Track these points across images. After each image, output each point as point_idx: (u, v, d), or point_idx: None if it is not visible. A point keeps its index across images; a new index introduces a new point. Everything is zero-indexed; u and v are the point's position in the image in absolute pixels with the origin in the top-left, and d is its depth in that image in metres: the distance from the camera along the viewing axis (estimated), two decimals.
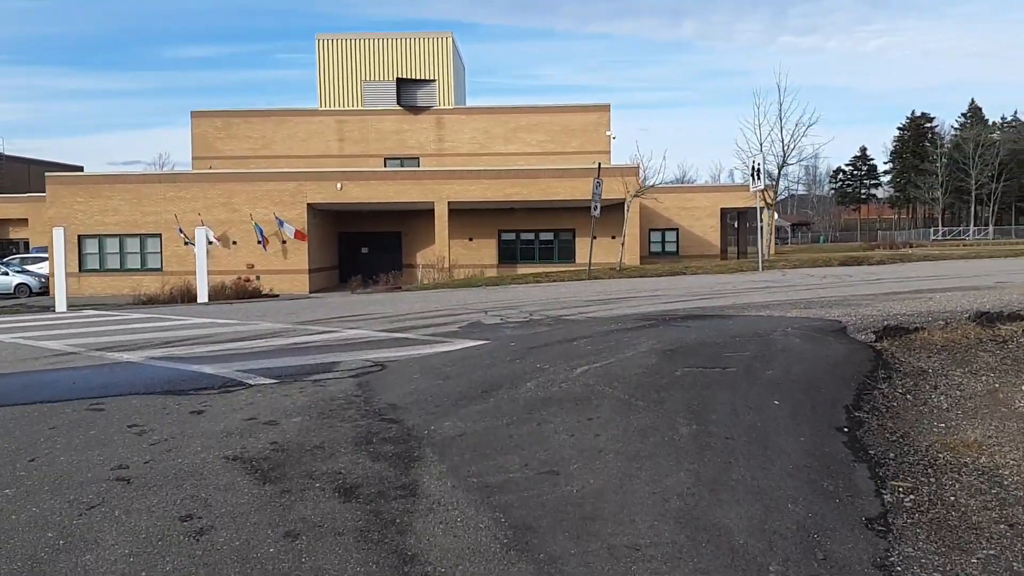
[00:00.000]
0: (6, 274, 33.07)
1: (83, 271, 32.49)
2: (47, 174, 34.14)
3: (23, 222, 42.92)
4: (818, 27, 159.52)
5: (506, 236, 37.04)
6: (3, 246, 44.20)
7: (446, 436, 4.48)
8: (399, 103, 43.51)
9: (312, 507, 3.59)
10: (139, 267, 32.72)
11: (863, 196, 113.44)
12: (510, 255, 36.78)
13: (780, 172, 28.29)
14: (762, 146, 27.20)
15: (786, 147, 27.77)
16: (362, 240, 37.79)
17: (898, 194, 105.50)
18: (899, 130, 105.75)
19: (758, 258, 22.08)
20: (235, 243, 32.34)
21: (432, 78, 44.17)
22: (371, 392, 5.60)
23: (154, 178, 34.86)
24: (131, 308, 16.43)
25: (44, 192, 33.37)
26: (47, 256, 30.99)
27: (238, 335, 9.38)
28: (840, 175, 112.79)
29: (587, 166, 36.64)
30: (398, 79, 43.75)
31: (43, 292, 31.13)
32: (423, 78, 44.12)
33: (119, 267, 32.70)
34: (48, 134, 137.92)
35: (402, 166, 41.41)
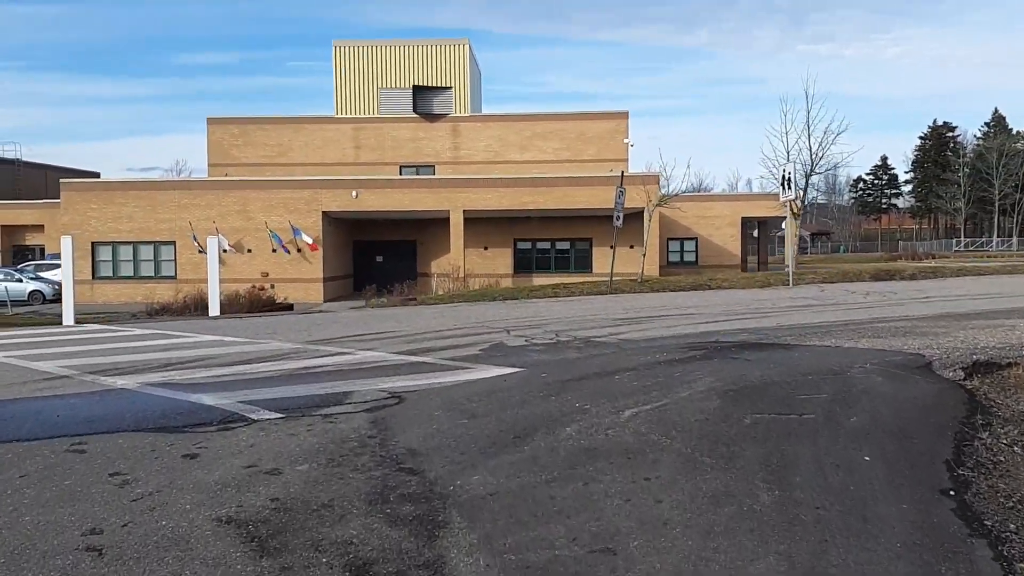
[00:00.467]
0: (20, 281, 32.78)
1: (96, 278, 32.15)
2: (62, 180, 33.87)
3: (39, 228, 42.75)
4: (834, 35, 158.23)
5: (522, 245, 36.38)
6: (19, 252, 44.07)
7: (475, 494, 3.81)
8: (415, 110, 43.06)
9: None
10: (153, 275, 32.33)
11: (884, 206, 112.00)
12: (526, 264, 36.11)
13: (808, 181, 27.42)
14: (788, 154, 26.36)
15: (814, 155, 26.97)
16: (377, 248, 37.27)
17: (919, 204, 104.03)
18: (920, 139, 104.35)
19: (788, 271, 21.27)
20: (250, 251, 31.89)
21: (448, 85, 43.70)
22: (387, 432, 4.94)
23: (168, 185, 34.52)
24: (138, 322, 15.86)
25: (60, 198, 33.10)
26: (60, 263, 30.69)
27: (244, 356, 8.77)
28: (860, 184, 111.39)
29: (605, 174, 35.99)
30: (414, 86, 43.31)
31: (57, 299, 30.63)
32: (439, 85, 43.67)
33: (132, 275, 32.33)
34: (66, 140, 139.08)
35: (417, 174, 40.93)
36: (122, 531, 3.57)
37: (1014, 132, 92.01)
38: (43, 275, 34.27)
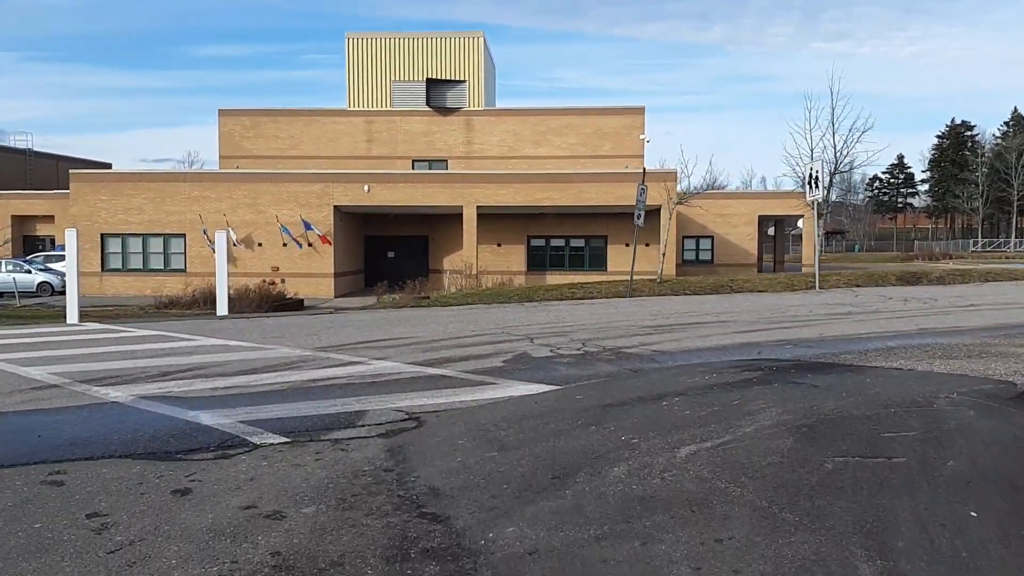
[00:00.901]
0: (29, 272, 32.45)
1: (106, 271, 31.79)
2: (71, 171, 33.51)
3: (50, 219, 42.44)
4: (850, 32, 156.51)
5: (535, 242, 35.78)
6: (30, 243, 43.79)
7: (512, 552, 3.22)
8: (428, 104, 42.46)
9: None
10: (162, 268, 31.92)
11: (900, 205, 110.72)
12: (539, 262, 35.51)
13: (832, 180, 26.66)
14: (812, 152, 25.62)
15: (838, 153, 26.20)
16: (389, 244, 36.75)
17: (936, 203, 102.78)
18: (938, 138, 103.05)
19: (814, 274, 20.54)
20: (260, 245, 31.42)
21: (462, 79, 43.08)
22: (406, 464, 4.36)
23: (179, 177, 34.08)
24: (143, 320, 15.33)
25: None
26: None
27: (249, 365, 8.20)
28: (876, 183, 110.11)
29: (621, 170, 35.28)
30: (428, 79, 42.71)
31: (65, 291, 30.35)
32: (453, 79, 43.04)
33: (142, 267, 31.93)
34: (79, 131, 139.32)
35: (430, 168, 40.38)
36: None
37: None
38: (52, 266, 33.93)
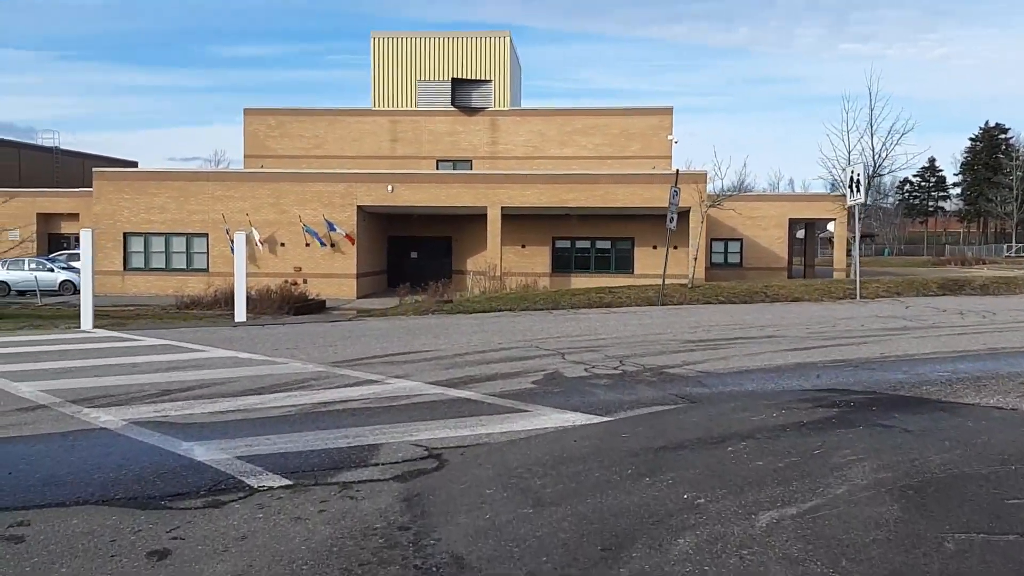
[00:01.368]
0: (51, 271, 32.38)
1: (128, 270, 31.63)
2: (94, 169, 33.40)
3: (74, 217, 42.51)
4: (878, 35, 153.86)
5: (560, 244, 35.07)
6: (55, 241, 43.90)
7: None
8: (453, 104, 41.95)
9: None
10: (184, 267, 31.67)
11: (930, 208, 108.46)
12: (564, 264, 34.81)
13: (870, 183, 25.70)
14: (850, 155, 24.68)
15: (877, 156, 25.25)
16: (412, 244, 36.27)
17: (968, 207, 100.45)
18: (971, 140, 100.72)
19: (855, 281, 19.62)
20: (283, 245, 31.07)
21: (488, 78, 42.50)
22: (425, 520, 3.72)
23: (202, 176, 33.83)
24: (156, 325, 14.84)
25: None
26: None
27: (256, 383, 7.60)
28: (907, 186, 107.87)
29: (648, 171, 34.50)
30: (453, 79, 42.20)
31: None
32: (479, 78, 42.48)
33: (164, 267, 31.71)
34: (108, 129, 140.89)
35: (454, 168, 39.86)
36: None
37: None
38: (75, 265, 33.84)
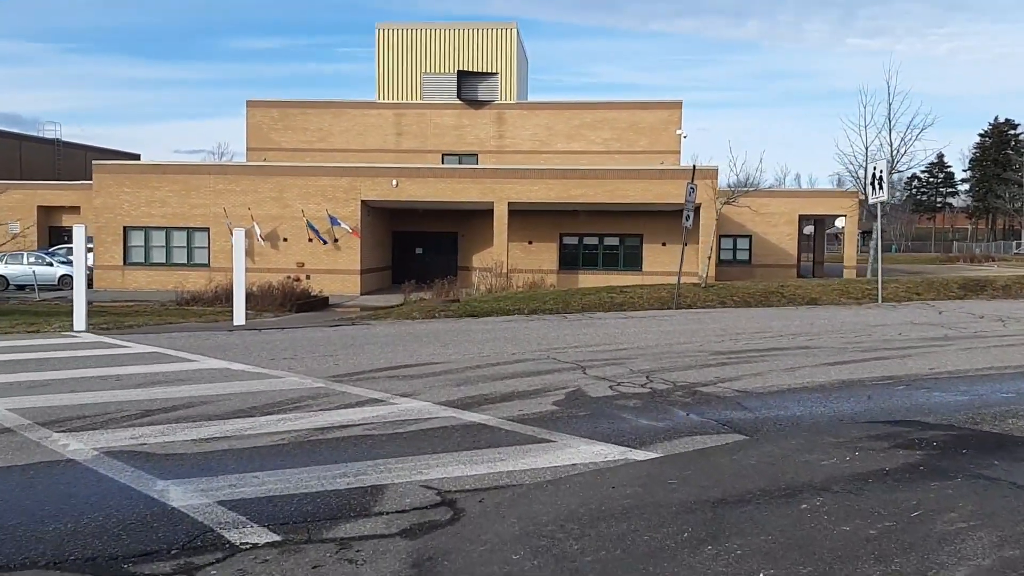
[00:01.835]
0: (50, 265, 31.94)
1: (128, 264, 31.17)
2: (94, 162, 32.92)
3: (76, 210, 42.05)
4: (887, 29, 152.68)
5: (568, 240, 34.52)
6: (55, 234, 43.44)
7: None
8: (459, 96, 41.37)
9: None
10: (185, 262, 31.21)
11: (938, 204, 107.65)
12: (572, 260, 34.28)
13: (890, 179, 25.17)
14: (868, 150, 24.17)
15: (895, 152, 24.68)
16: (417, 240, 35.76)
17: (977, 204, 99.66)
18: (980, 136, 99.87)
19: (878, 283, 19.05)
20: (285, 240, 30.58)
21: (494, 71, 41.91)
22: None
23: (204, 169, 33.32)
24: (151, 325, 14.37)
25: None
26: (92, 247, 29.71)
27: (248, 400, 6.96)
28: (915, 182, 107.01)
29: (657, 167, 33.92)
30: (459, 71, 41.62)
31: (87, 284, 29.71)
32: (485, 71, 41.89)
33: (165, 261, 31.25)
34: (112, 122, 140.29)
35: (460, 163, 39.32)
36: None
37: None
38: None
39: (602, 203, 31.05)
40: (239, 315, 13.31)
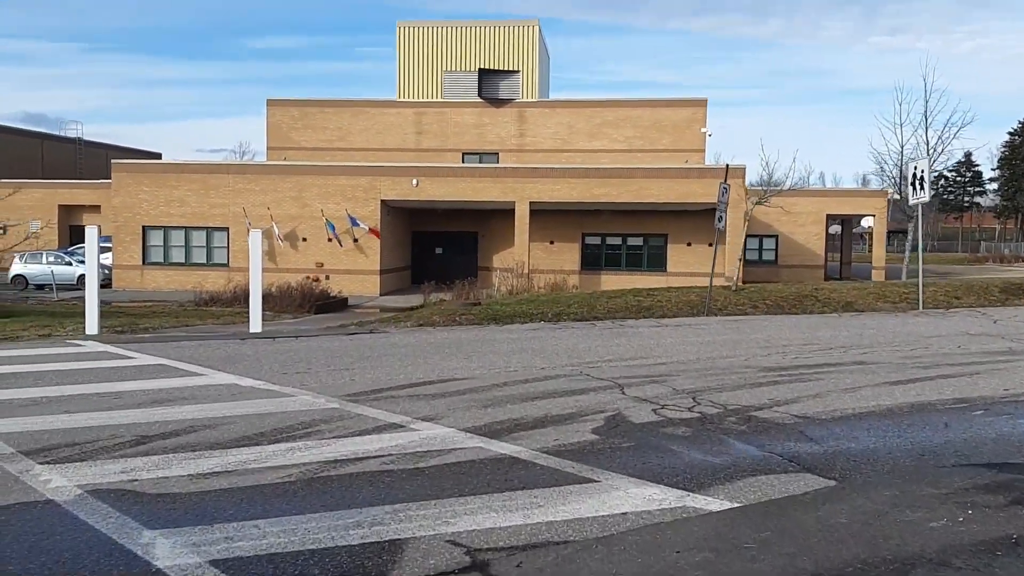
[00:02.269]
0: (69, 264, 31.77)
1: (147, 264, 30.93)
2: (113, 161, 32.74)
3: (96, 208, 42.01)
4: (909, 26, 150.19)
5: (590, 240, 33.81)
6: (75, 233, 43.43)
7: None
8: (480, 95, 40.80)
9: None
10: (204, 262, 30.91)
11: (966, 204, 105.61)
12: (594, 261, 33.57)
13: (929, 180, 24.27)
14: (903, 150, 23.29)
15: (932, 150, 23.78)
16: (436, 240, 35.23)
17: (1006, 203, 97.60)
18: (1009, 135, 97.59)
19: (919, 289, 18.19)
20: (304, 240, 30.19)
21: (516, 69, 41.29)
22: None
23: (223, 168, 33.01)
24: (163, 329, 13.90)
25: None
26: (110, 247, 29.47)
27: (255, 424, 6.39)
28: (941, 181, 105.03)
29: (684, 165, 33.12)
30: (480, 69, 41.05)
31: (106, 284, 29.41)
32: (506, 69, 41.28)
33: (184, 261, 30.97)
34: (136, 121, 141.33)
35: (480, 162, 38.73)
36: None
37: None
38: None
39: (626, 203, 30.36)
40: (255, 322, 12.78)
